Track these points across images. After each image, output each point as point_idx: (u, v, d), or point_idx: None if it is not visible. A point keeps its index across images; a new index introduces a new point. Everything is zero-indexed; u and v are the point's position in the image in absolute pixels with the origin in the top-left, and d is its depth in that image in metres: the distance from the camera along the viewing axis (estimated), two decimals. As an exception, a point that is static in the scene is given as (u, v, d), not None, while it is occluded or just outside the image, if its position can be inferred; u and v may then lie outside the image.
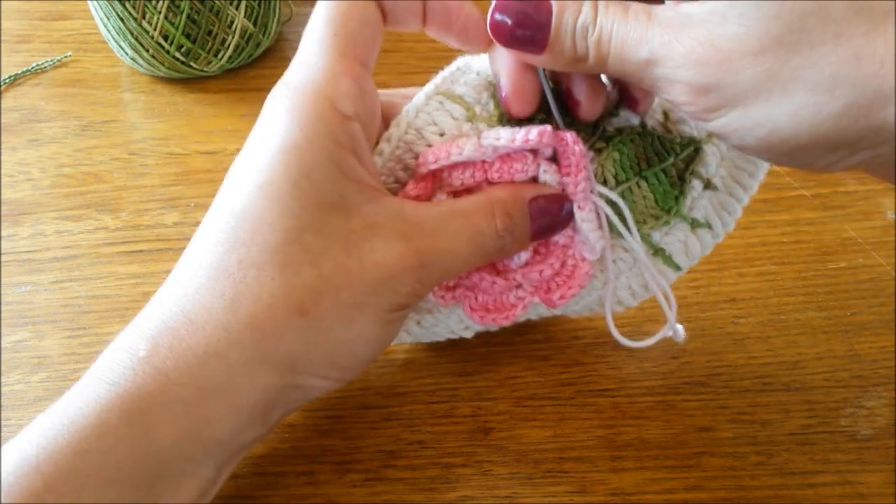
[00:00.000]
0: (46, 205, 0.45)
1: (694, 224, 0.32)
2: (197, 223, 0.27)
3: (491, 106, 0.29)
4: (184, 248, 0.27)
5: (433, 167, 0.29)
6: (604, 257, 0.31)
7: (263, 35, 0.56)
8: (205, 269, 0.26)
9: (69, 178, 0.47)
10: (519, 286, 0.32)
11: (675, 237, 0.32)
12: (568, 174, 0.29)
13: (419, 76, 0.32)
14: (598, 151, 0.30)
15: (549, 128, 0.28)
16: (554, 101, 0.29)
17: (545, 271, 0.31)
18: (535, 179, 0.30)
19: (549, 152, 0.30)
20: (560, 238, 0.31)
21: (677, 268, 0.33)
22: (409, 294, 0.27)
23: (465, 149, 0.28)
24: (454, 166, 0.29)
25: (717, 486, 0.31)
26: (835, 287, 0.40)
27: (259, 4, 0.54)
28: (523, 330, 0.38)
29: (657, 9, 0.24)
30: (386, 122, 0.30)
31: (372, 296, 0.26)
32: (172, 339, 0.25)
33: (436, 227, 0.27)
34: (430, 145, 0.29)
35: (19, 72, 0.55)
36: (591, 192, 0.30)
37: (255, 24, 0.54)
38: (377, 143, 0.29)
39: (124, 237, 0.43)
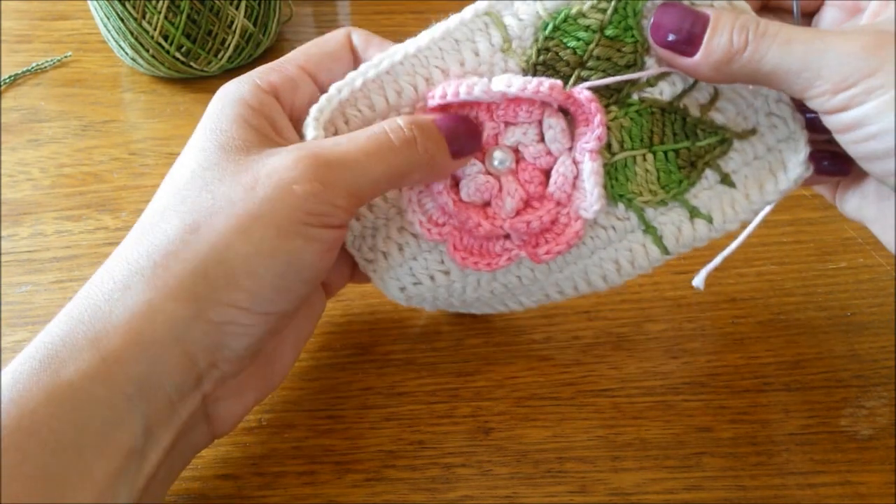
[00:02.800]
0: (46, 205, 0.45)
1: (693, 213, 0.31)
2: (197, 223, 0.27)
3: (528, 44, 0.30)
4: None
5: (440, 102, 0.29)
6: (595, 222, 0.31)
7: (263, 35, 0.56)
8: (133, 228, 0.27)
9: (69, 178, 0.47)
10: (507, 237, 0.31)
11: (670, 219, 0.31)
12: (586, 124, 0.29)
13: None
14: (608, 114, 0.30)
15: (559, 83, 0.29)
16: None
17: (533, 223, 0.30)
18: (540, 127, 0.30)
19: (556, 105, 0.30)
20: (556, 192, 0.31)
21: (665, 251, 0.32)
22: (309, 197, 0.25)
23: (475, 90, 0.29)
24: (460, 105, 0.30)
25: (717, 486, 0.31)
26: (835, 287, 0.40)
27: (259, 4, 0.54)
28: (523, 330, 0.38)
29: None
30: None
31: (266, 203, 0.25)
32: (86, 287, 0.26)
33: (335, 140, 0.28)
34: (429, 77, 0.30)
35: (19, 72, 0.55)
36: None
37: (255, 24, 0.54)
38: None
39: (124, 237, 0.43)
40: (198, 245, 0.25)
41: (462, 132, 0.30)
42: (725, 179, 0.31)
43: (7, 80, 0.55)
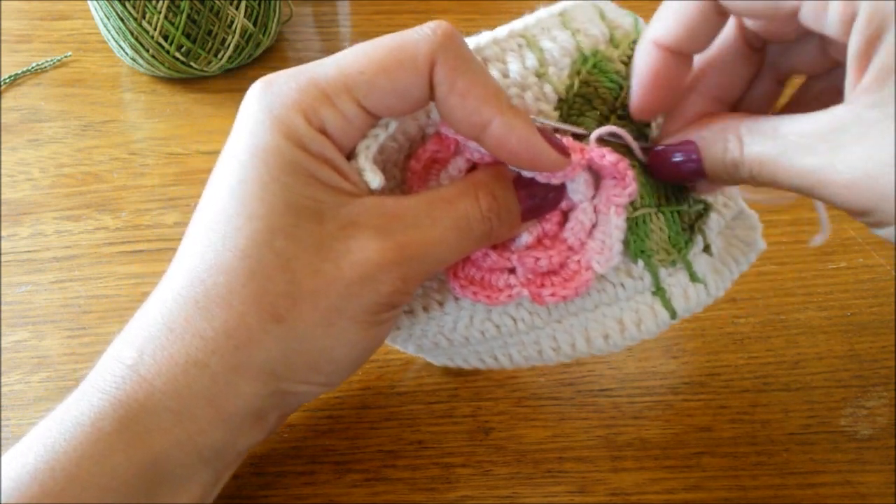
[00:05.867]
0: (46, 205, 0.45)
1: (693, 277, 0.31)
2: (197, 223, 0.27)
3: (566, 74, 0.28)
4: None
5: (452, 135, 0.28)
6: (606, 278, 0.31)
7: (263, 35, 0.56)
8: (181, 275, 0.25)
9: (69, 178, 0.47)
10: (512, 271, 0.30)
11: (677, 281, 0.31)
12: (614, 177, 0.28)
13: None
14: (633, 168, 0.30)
15: (580, 161, 0.28)
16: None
17: (542, 261, 0.29)
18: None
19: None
20: (570, 237, 0.30)
21: (674, 314, 0.31)
22: (391, 293, 0.26)
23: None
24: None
25: (717, 486, 0.31)
26: (835, 287, 0.40)
27: (259, 4, 0.54)
28: (523, 330, 0.38)
29: (796, 124, 0.24)
30: None
31: (350, 299, 0.25)
32: (155, 347, 0.25)
33: (416, 217, 0.26)
34: None
35: (19, 72, 0.55)
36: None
37: (255, 24, 0.54)
38: None
39: (124, 237, 0.43)
40: (279, 336, 0.25)
41: (542, 209, 0.29)
42: (707, 248, 0.31)
43: (7, 80, 0.55)
